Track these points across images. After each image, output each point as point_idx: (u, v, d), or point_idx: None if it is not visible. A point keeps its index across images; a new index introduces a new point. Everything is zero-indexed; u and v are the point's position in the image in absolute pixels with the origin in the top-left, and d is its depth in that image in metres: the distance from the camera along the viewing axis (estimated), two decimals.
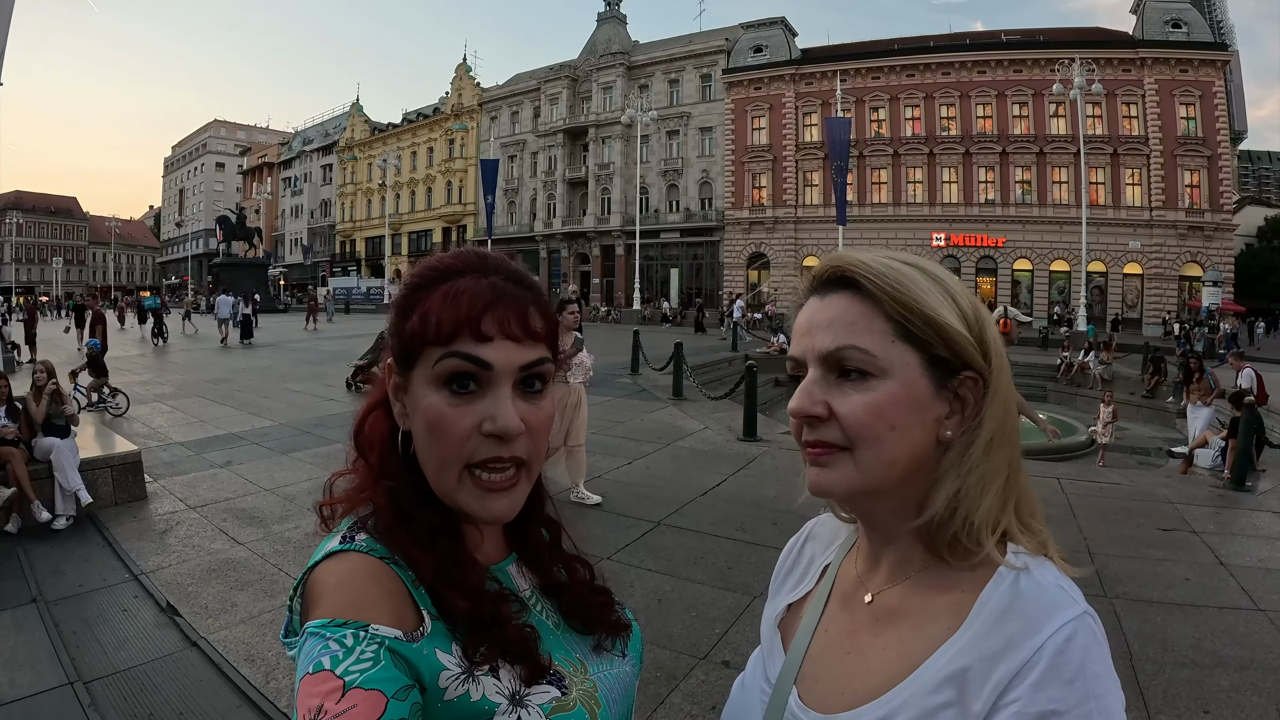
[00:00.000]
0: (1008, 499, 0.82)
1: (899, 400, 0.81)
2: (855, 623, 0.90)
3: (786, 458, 9.02)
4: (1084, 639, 0.72)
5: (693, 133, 52.20)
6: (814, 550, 1.07)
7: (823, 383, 0.84)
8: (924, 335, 0.81)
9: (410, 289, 0.86)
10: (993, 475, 0.81)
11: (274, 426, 10.63)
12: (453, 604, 0.81)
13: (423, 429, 0.83)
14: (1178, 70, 40.56)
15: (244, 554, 5.69)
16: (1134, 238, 41.07)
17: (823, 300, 0.86)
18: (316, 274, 75.20)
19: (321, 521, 0.90)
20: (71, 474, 6.39)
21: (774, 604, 1.06)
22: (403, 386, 0.86)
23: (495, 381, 0.82)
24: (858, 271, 0.84)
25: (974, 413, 0.82)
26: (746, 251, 50.01)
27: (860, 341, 0.82)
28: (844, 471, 0.83)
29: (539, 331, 0.86)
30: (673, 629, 4.52)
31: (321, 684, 0.68)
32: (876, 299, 0.82)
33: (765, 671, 0.97)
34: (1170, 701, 3.79)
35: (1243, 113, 46.78)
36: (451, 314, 0.81)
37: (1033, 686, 0.69)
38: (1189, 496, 7.82)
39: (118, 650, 4.22)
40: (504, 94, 62.78)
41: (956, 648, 0.76)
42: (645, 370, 16.63)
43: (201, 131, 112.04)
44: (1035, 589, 0.76)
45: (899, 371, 0.81)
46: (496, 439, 0.82)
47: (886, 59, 46.72)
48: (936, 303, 0.81)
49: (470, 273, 0.84)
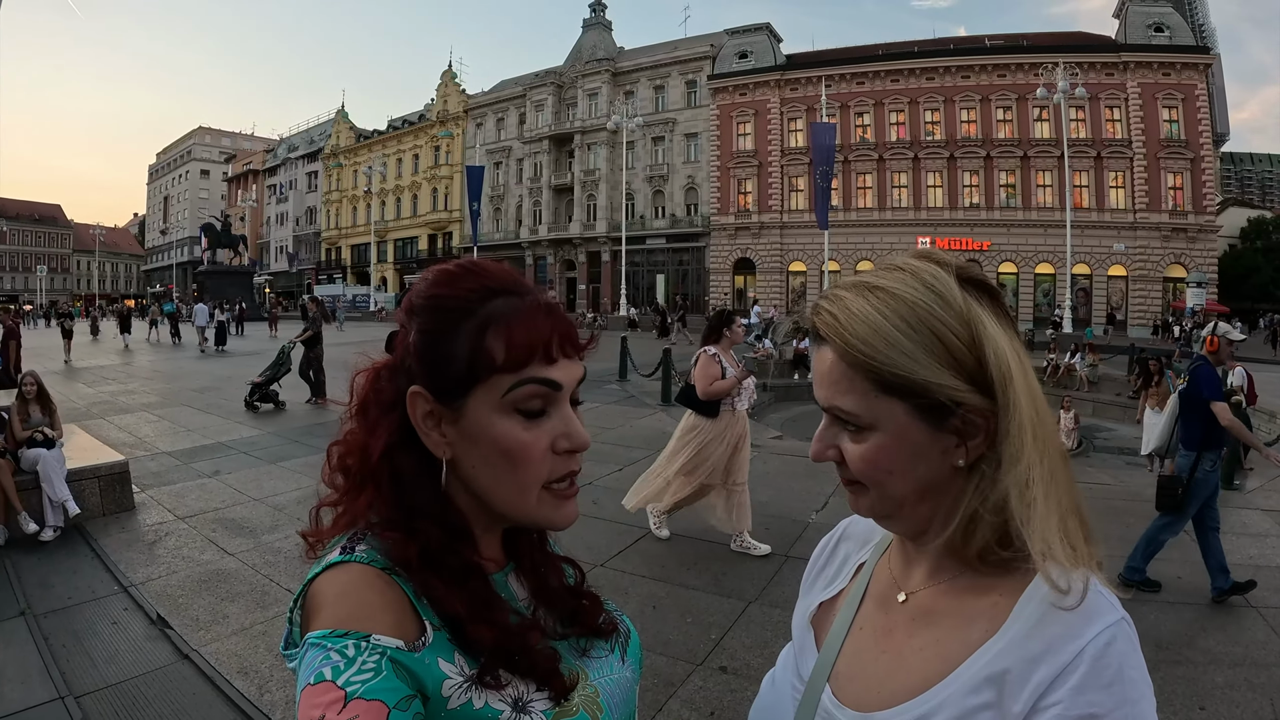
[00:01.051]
0: (1051, 514, 0.78)
1: (889, 450, 0.83)
2: (891, 622, 0.90)
3: (777, 463, 9.02)
4: (1123, 644, 0.73)
5: (678, 139, 52.28)
6: (848, 549, 1.07)
7: (831, 429, 0.88)
8: (904, 388, 0.81)
9: (449, 313, 0.84)
10: (1024, 491, 0.78)
11: (262, 435, 10.58)
12: (478, 635, 0.80)
13: (496, 456, 0.83)
14: (1160, 73, 40.95)
15: (234, 564, 5.65)
16: (1118, 240, 41.39)
17: (818, 350, 0.88)
18: (302, 281, 75.05)
19: (309, 548, 0.88)
20: (59, 485, 6.32)
21: (806, 601, 1.06)
22: (446, 417, 0.84)
23: (560, 400, 0.86)
24: (824, 329, 0.86)
25: (989, 437, 0.81)
26: (733, 257, 50.10)
27: (843, 402, 0.84)
28: (866, 501, 0.88)
29: (584, 345, 0.90)
30: (668, 635, 4.51)
31: (323, 695, 0.68)
32: (847, 359, 0.83)
33: (797, 668, 0.97)
34: (1166, 700, 3.79)
35: (1225, 115, 47.20)
36: (523, 340, 0.82)
37: (1073, 690, 0.71)
38: None
39: (108, 664, 4.17)
40: (490, 101, 62.76)
41: (996, 650, 0.77)
42: (634, 376, 16.61)
43: (186, 138, 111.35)
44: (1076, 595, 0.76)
45: (886, 424, 0.82)
46: (569, 454, 0.86)
47: (871, 64, 46.99)
48: (910, 360, 0.80)
49: (507, 293, 0.85)
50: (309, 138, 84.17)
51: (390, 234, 68.97)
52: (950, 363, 0.80)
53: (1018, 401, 0.80)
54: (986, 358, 0.80)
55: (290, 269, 79.58)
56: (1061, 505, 0.79)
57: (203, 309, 28.11)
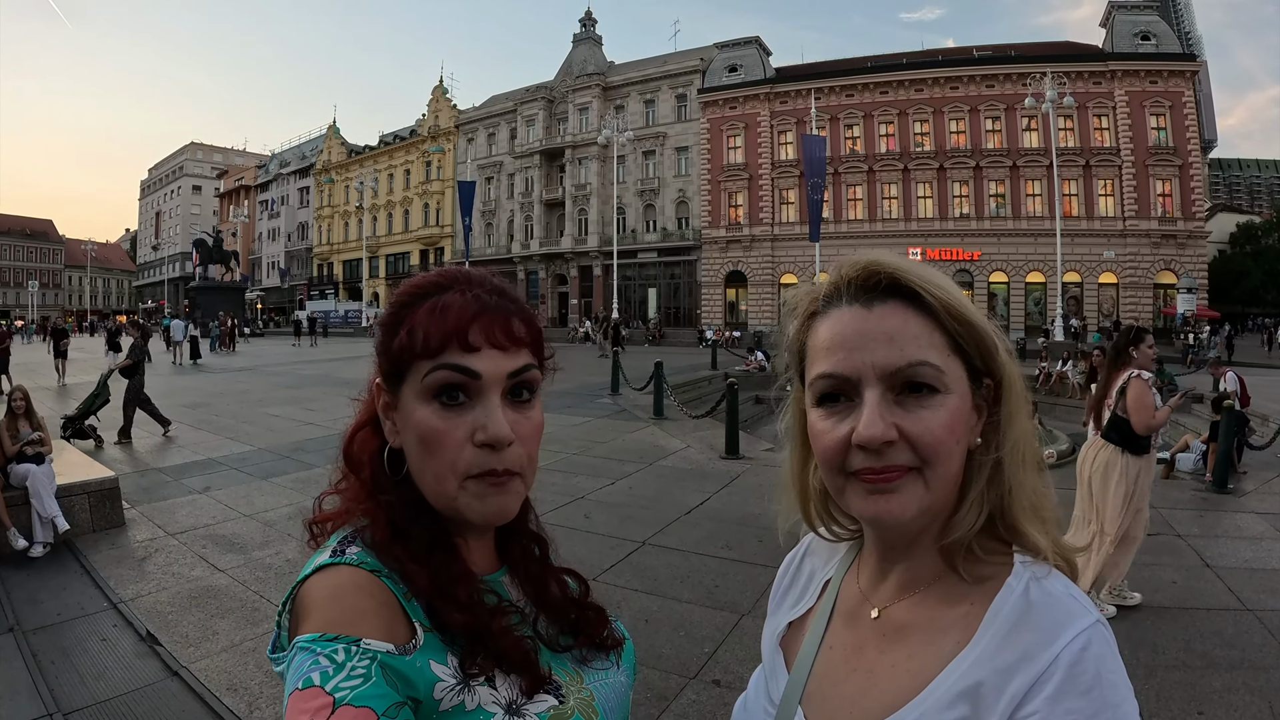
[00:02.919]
0: (1028, 499, 0.81)
1: (961, 414, 0.80)
2: (861, 639, 0.88)
3: (770, 475, 8.98)
4: (1098, 648, 0.71)
5: (669, 152, 52.44)
6: (813, 565, 1.04)
7: (887, 403, 0.78)
8: (969, 347, 0.80)
9: (397, 306, 0.88)
10: (1012, 474, 0.80)
11: (253, 451, 10.52)
12: (449, 617, 0.80)
13: (415, 442, 0.84)
14: (1148, 81, 41.31)
15: (224, 581, 5.60)
16: (1108, 247, 41.62)
17: (870, 310, 0.81)
18: (294, 297, 74.97)
19: (311, 538, 0.89)
20: (48, 501, 6.27)
21: (774, 621, 1.04)
22: (392, 404, 0.87)
23: (485, 391, 0.83)
24: (914, 281, 0.80)
25: (991, 417, 0.82)
26: (724, 270, 50.18)
27: (931, 357, 0.78)
28: (914, 493, 0.78)
29: (523, 338, 0.87)
30: (661, 649, 4.48)
31: (311, 700, 0.67)
32: (934, 311, 0.80)
33: (768, 691, 0.95)
34: (1164, 704, 3.78)
35: (1212, 122, 47.69)
36: (439, 326, 0.82)
37: (1050, 699, 0.68)
38: (1172, 500, 7.88)
39: (97, 680, 4.12)
40: (481, 116, 62.94)
41: (969, 661, 0.75)
42: (625, 390, 16.62)
43: (178, 154, 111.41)
44: (1046, 599, 0.75)
45: (957, 385, 0.80)
46: (489, 449, 0.82)
47: (860, 76, 47.27)
48: (976, 311, 0.81)
49: (454, 288, 0.86)
50: (301, 153, 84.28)
51: (382, 249, 68.99)
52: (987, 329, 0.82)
53: (1013, 381, 0.82)
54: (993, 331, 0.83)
55: (282, 284, 79.49)
56: (1038, 490, 0.82)
57: (179, 324, 29.63)
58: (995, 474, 0.81)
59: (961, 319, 0.79)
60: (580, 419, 13.19)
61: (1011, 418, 0.81)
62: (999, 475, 0.81)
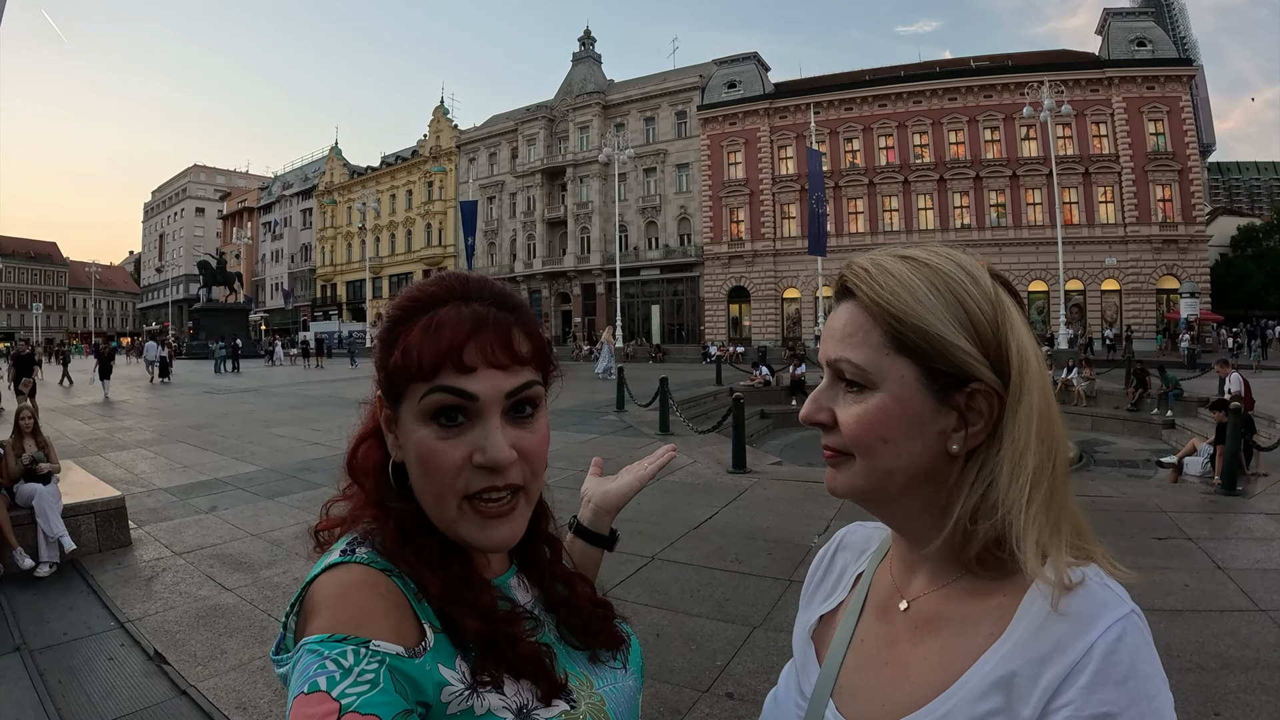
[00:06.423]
0: (1049, 519, 0.76)
1: (889, 414, 0.80)
2: (893, 632, 0.87)
3: (777, 489, 8.99)
4: (1134, 638, 0.70)
5: (669, 169, 52.68)
6: (846, 559, 1.04)
7: (830, 390, 0.85)
8: (917, 348, 0.79)
9: (392, 322, 0.85)
10: (1022, 491, 0.76)
11: (259, 471, 10.50)
12: (464, 625, 0.79)
13: (415, 463, 0.82)
14: (1144, 87, 41.48)
15: (232, 600, 5.58)
16: (1110, 254, 41.68)
17: (836, 308, 0.87)
18: (297, 318, 75.14)
19: (316, 545, 0.88)
20: (54, 520, 6.26)
21: (806, 615, 1.03)
22: (393, 420, 0.85)
23: (483, 411, 0.81)
24: (853, 280, 0.84)
25: (989, 426, 0.79)
26: (727, 286, 50.31)
27: (852, 355, 0.81)
28: (847, 475, 0.84)
29: (524, 355, 0.84)
30: (673, 663, 4.45)
31: (316, 705, 0.66)
32: (869, 310, 0.81)
33: (799, 685, 0.94)
34: (1180, 706, 3.64)
35: (1210, 126, 47.80)
36: (432, 348, 0.79)
37: (1084, 689, 0.68)
38: (1181, 504, 7.83)
39: (105, 700, 4.10)
40: (482, 135, 63.29)
41: (1002, 652, 0.74)
42: (631, 407, 16.59)
43: (181, 176, 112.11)
44: (1081, 589, 0.73)
45: (891, 385, 0.80)
46: (489, 470, 0.80)
47: (859, 90, 47.52)
48: (932, 314, 0.79)
49: (451, 300, 0.83)
50: (303, 175, 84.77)
51: (385, 270, 69.21)
52: (971, 333, 0.79)
53: (1030, 389, 0.78)
54: (1007, 339, 0.79)
55: (286, 306, 79.70)
56: (1067, 510, 0.78)
57: (152, 346, 32.67)
58: (988, 489, 0.78)
59: (898, 318, 0.79)
60: (586, 436, 13.17)
61: (1009, 425, 0.78)
62: (991, 491, 0.77)
